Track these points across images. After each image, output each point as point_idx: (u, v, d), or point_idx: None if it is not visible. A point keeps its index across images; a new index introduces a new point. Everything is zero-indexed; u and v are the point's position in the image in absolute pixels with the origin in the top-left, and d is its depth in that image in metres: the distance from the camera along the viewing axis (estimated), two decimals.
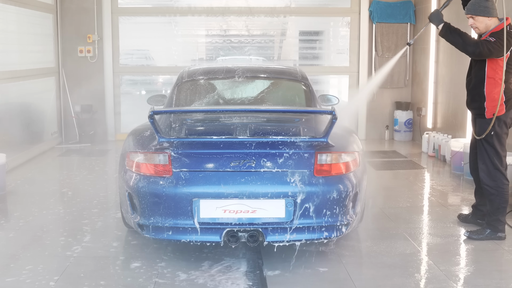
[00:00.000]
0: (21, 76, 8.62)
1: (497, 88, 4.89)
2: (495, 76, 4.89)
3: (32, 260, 4.52)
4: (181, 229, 4.24)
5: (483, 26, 4.94)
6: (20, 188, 6.92)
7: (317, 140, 4.34)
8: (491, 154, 5.01)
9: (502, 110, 4.94)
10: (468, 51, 4.89)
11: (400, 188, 7.01)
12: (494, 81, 4.91)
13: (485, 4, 4.87)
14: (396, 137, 10.72)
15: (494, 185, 5.02)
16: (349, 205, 4.35)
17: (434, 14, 5.02)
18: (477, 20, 4.93)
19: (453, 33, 4.93)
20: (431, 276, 4.32)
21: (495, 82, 4.90)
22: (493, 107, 4.92)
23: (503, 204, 5.04)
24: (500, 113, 4.93)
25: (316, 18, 10.92)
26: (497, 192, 5.02)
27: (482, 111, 5.01)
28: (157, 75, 10.89)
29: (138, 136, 4.67)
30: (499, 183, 5.01)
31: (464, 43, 4.86)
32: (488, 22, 4.92)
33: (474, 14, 4.91)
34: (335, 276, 4.30)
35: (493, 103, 4.92)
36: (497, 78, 4.88)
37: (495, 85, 4.90)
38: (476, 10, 4.90)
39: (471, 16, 4.94)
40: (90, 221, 5.58)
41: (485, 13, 4.88)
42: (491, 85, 4.92)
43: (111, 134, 10.48)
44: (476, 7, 4.89)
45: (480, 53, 4.83)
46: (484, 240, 5.05)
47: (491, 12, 4.89)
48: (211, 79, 5.55)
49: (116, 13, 10.35)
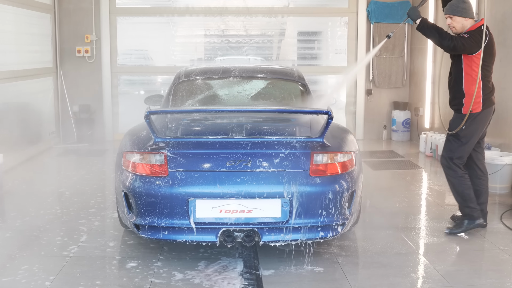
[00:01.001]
0: (19, 76, 8.62)
1: (475, 85, 5.07)
2: (471, 73, 5.07)
3: (28, 260, 4.53)
4: (177, 229, 4.25)
5: (460, 26, 5.14)
6: (17, 188, 6.92)
7: (313, 140, 4.35)
8: (454, 148, 5.21)
9: (478, 107, 5.11)
10: (443, 45, 5.07)
11: (397, 188, 7.01)
12: (471, 78, 5.09)
13: (462, 5, 5.10)
14: (394, 137, 10.73)
15: (454, 175, 5.24)
16: (345, 205, 4.36)
17: (412, 9, 5.20)
18: (454, 20, 5.14)
19: (429, 27, 5.12)
20: (427, 276, 4.33)
21: (472, 79, 5.08)
22: (471, 103, 5.10)
23: (467, 191, 5.22)
24: (476, 110, 5.11)
25: (314, 18, 10.92)
26: (458, 181, 5.23)
27: (460, 106, 5.19)
28: (155, 75, 10.89)
29: (134, 136, 4.68)
30: (458, 173, 5.22)
31: (440, 37, 5.05)
32: (465, 23, 5.12)
33: (452, 14, 5.13)
34: (331, 275, 4.30)
35: (471, 100, 5.10)
36: (473, 75, 5.07)
37: (473, 82, 5.08)
38: (454, 10, 5.11)
39: (449, 16, 5.15)
40: (87, 221, 5.59)
41: (462, 13, 5.10)
42: (469, 82, 5.10)
43: (109, 134, 10.48)
44: (454, 8, 5.11)
45: (455, 47, 5.01)
46: (465, 231, 5.20)
47: (467, 13, 5.11)
48: (208, 79, 5.56)
49: (114, 13, 10.35)
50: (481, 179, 5.38)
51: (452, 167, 5.24)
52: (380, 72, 10.62)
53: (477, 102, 5.09)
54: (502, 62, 7.35)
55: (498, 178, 6.69)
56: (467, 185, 5.23)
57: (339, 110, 10.77)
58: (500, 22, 7.42)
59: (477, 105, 5.10)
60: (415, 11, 5.16)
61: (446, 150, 5.30)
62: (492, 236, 5.19)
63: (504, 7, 7.33)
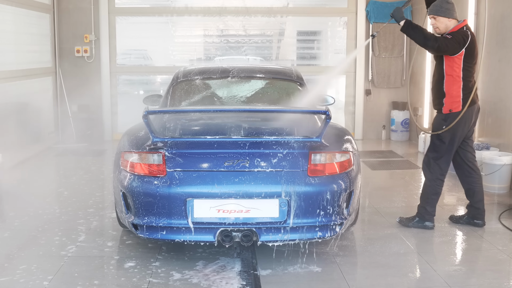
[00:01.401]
0: (18, 76, 8.63)
1: (456, 85, 5.14)
2: (453, 73, 5.14)
3: (27, 260, 4.53)
4: (175, 229, 4.25)
5: (443, 27, 5.20)
6: (16, 187, 6.91)
7: (311, 140, 4.35)
8: (437, 148, 5.29)
9: (458, 107, 5.17)
10: (428, 45, 5.11)
11: (396, 188, 7.02)
12: (452, 78, 5.15)
13: (446, 6, 5.16)
14: (393, 137, 10.73)
15: (430, 176, 5.35)
16: (343, 205, 4.36)
17: (396, 11, 5.21)
18: (438, 21, 5.20)
19: (414, 28, 5.14)
20: (424, 276, 4.33)
21: (453, 79, 5.15)
22: (451, 103, 5.18)
23: (433, 195, 5.35)
24: (456, 110, 5.17)
25: (314, 18, 10.92)
26: (430, 183, 5.34)
27: (441, 106, 5.26)
28: (154, 75, 10.89)
29: (133, 136, 4.68)
30: (434, 176, 5.31)
31: (425, 38, 5.08)
32: (448, 23, 5.18)
33: (436, 14, 5.19)
34: (328, 275, 4.31)
35: (451, 99, 5.18)
36: (455, 75, 5.13)
37: (454, 82, 5.15)
38: (438, 11, 5.17)
39: (433, 16, 5.22)
40: (86, 221, 5.59)
41: (446, 14, 5.16)
42: (450, 82, 5.16)
43: (108, 134, 10.48)
44: (438, 8, 5.17)
45: (439, 48, 5.06)
46: (412, 227, 5.38)
47: (451, 13, 5.18)
48: (206, 79, 5.56)
49: (113, 13, 10.35)
50: (473, 177, 5.42)
51: (431, 167, 5.32)
52: (379, 72, 10.62)
53: (457, 102, 5.16)
54: (501, 62, 7.36)
55: (496, 178, 6.69)
56: (436, 191, 5.35)
57: (338, 110, 10.78)
58: (499, 22, 7.42)
59: (456, 104, 5.17)
60: (399, 12, 5.17)
61: (430, 149, 5.38)
62: (490, 236, 5.20)
63: (503, 7, 7.33)
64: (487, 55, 7.71)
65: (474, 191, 5.41)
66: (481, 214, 5.43)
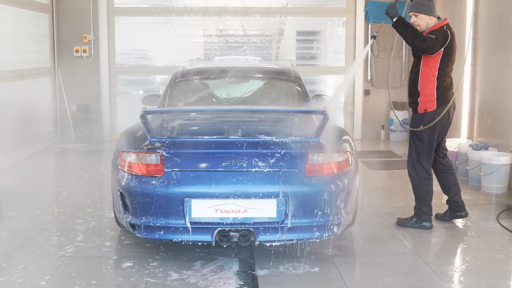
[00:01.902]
0: (17, 76, 8.62)
1: (430, 85, 5.18)
2: (428, 72, 5.18)
3: (24, 260, 4.53)
4: (172, 229, 4.25)
5: (425, 24, 5.23)
6: (14, 187, 6.90)
7: (308, 140, 4.35)
8: (418, 148, 5.32)
9: (432, 106, 5.21)
10: (415, 45, 5.11)
11: (395, 188, 7.02)
12: (427, 77, 5.19)
13: (427, 3, 5.20)
14: (392, 137, 10.72)
15: (416, 177, 5.37)
16: (341, 205, 4.36)
17: (390, 7, 5.23)
18: (419, 18, 5.23)
19: (405, 26, 5.14)
20: (422, 276, 4.33)
21: (428, 78, 5.19)
22: (425, 102, 5.22)
23: (424, 195, 5.36)
24: (431, 109, 5.21)
25: (313, 18, 10.92)
26: (419, 183, 5.36)
27: (416, 105, 5.31)
28: (153, 75, 10.89)
29: (131, 136, 4.68)
30: (420, 176, 5.34)
31: (414, 36, 5.09)
32: (429, 21, 5.22)
33: (417, 11, 5.22)
34: (326, 275, 4.31)
35: (425, 99, 5.22)
36: (430, 74, 5.17)
37: (428, 81, 5.19)
38: (419, 8, 5.21)
39: (414, 13, 5.24)
40: (84, 220, 5.59)
41: (426, 11, 5.20)
42: (424, 81, 5.20)
43: (106, 134, 10.48)
44: (420, 6, 5.21)
45: (426, 48, 5.08)
46: (410, 227, 5.38)
47: (431, 11, 5.21)
48: (204, 79, 5.56)
49: (112, 13, 10.35)
50: (447, 173, 5.50)
51: (415, 168, 5.36)
52: (378, 72, 10.62)
53: (431, 101, 5.21)
54: (499, 62, 7.37)
55: (495, 178, 6.69)
56: (426, 190, 5.36)
57: (337, 110, 10.77)
58: (497, 23, 7.42)
59: (431, 103, 5.21)
60: (393, 9, 5.19)
61: (411, 151, 5.40)
62: (488, 236, 5.20)
63: (501, 7, 7.33)
64: (486, 55, 7.72)
65: (449, 185, 5.51)
66: (460, 206, 5.54)
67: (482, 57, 7.85)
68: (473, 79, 8.09)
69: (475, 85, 8.04)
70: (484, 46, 7.78)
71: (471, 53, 8.05)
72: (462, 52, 8.14)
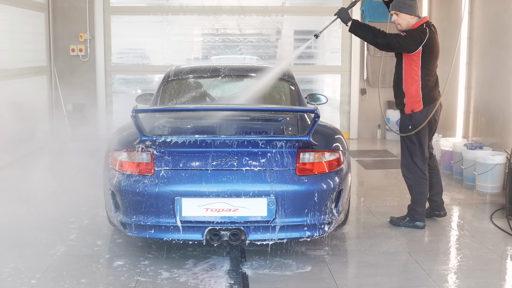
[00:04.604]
0: (12, 75, 8.62)
1: (415, 85, 5.15)
2: (411, 72, 5.14)
3: (15, 259, 4.51)
4: (163, 228, 4.25)
5: (405, 23, 5.19)
6: (8, 186, 6.89)
7: (299, 138, 4.34)
8: (410, 149, 5.31)
9: (419, 106, 5.18)
10: (378, 43, 5.09)
11: (389, 187, 7.01)
12: (411, 77, 5.16)
13: (409, 2, 5.15)
14: (388, 136, 10.72)
15: (411, 177, 5.35)
16: (332, 204, 4.35)
17: (342, 11, 5.19)
18: (400, 17, 5.20)
19: (362, 27, 5.12)
20: (413, 275, 4.32)
21: (411, 78, 5.15)
22: (412, 103, 5.20)
23: (419, 196, 5.34)
24: (418, 109, 5.18)
25: (310, 17, 10.90)
26: (414, 184, 5.34)
27: (402, 106, 5.28)
28: (149, 74, 10.88)
29: (122, 135, 4.68)
30: (415, 176, 5.32)
31: (373, 35, 5.06)
32: (410, 20, 5.18)
33: (398, 10, 5.18)
34: (317, 275, 4.30)
35: (411, 99, 5.20)
36: (413, 74, 5.14)
37: (412, 81, 5.15)
38: (400, 7, 5.17)
39: (395, 12, 5.20)
40: (77, 219, 5.58)
41: (408, 10, 5.16)
42: (408, 82, 5.17)
43: (103, 133, 10.44)
44: (401, 5, 5.17)
45: (389, 45, 5.05)
46: (403, 227, 5.38)
47: (413, 10, 5.17)
48: (197, 77, 5.55)
49: (108, 12, 10.34)
50: (431, 172, 5.50)
51: (410, 168, 5.33)
52: (374, 72, 10.60)
53: (417, 101, 5.19)
54: (494, 61, 7.36)
55: (489, 177, 6.69)
56: (421, 190, 5.34)
57: (333, 109, 10.78)
58: (492, 22, 7.42)
59: (417, 104, 5.19)
60: (345, 13, 5.14)
61: (404, 152, 5.38)
62: (481, 235, 5.19)
63: (496, 6, 7.33)
64: (481, 54, 7.72)
65: (431, 184, 5.51)
66: (439, 206, 5.57)
67: (477, 56, 7.85)
68: (468, 78, 8.09)
69: (470, 84, 8.03)
70: (479, 45, 7.78)
71: (466, 52, 8.05)
72: (457, 51, 8.16)
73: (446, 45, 7.65)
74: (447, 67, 8.52)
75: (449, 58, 8.29)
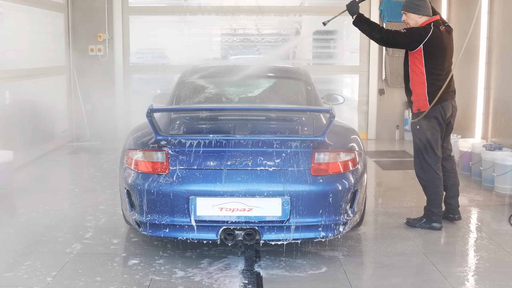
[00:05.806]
0: (32, 75, 8.71)
1: (421, 83, 5.14)
2: (416, 69, 5.15)
3: (31, 256, 4.57)
4: (177, 227, 4.26)
5: (414, 23, 5.21)
6: (27, 185, 6.98)
7: (314, 138, 4.32)
8: (422, 149, 5.27)
9: (425, 105, 5.16)
10: (374, 38, 5.13)
11: (407, 188, 6.96)
12: (416, 75, 5.17)
13: (416, 2, 5.16)
14: (407, 137, 10.63)
15: (425, 178, 5.32)
16: (347, 205, 4.33)
17: (351, 4, 5.20)
18: (408, 17, 5.23)
19: (363, 22, 5.15)
20: (429, 277, 4.28)
21: (417, 76, 5.16)
22: (418, 101, 5.19)
23: (434, 196, 5.31)
24: (424, 108, 5.16)
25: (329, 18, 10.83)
26: (428, 184, 5.31)
27: (411, 105, 5.30)
28: (167, 73, 10.90)
29: (138, 134, 4.71)
30: (429, 176, 5.28)
31: (370, 29, 5.11)
32: (418, 20, 5.18)
33: (406, 10, 5.22)
34: (332, 275, 4.28)
35: (417, 97, 5.20)
36: (418, 72, 5.15)
37: (418, 79, 5.16)
38: (408, 7, 5.20)
39: (404, 12, 5.24)
40: (94, 217, 5.63)
41: (415, 10, 5.16)
42: (414, 79, 5.19)
43: (121, 132, 10.50)
44: (409, 4, 5.20)
45: (384, 40, 5.10)
46: (419, 228, 5.34)
47: (421, 10, 5.16)
48: (213, 77, 5.57)
49: (127, 12, 10.41)
50: (447, 174, 5.44)
51: (424, 169, 5.29)
52: (392, 72, 10.52)
53: (423, 100, 5.16)
54: None
55: (508, 179, 6.60)
56: (435, 191, 5.30)
57: (351, 109, 10.73)
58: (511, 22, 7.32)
59: (423, 102, 5.17)
60: (354, 6, 5.17)
61: (417, 153, 5.34)
62: (498, 237, 5.13)
63: None
64: (501, 54, 7.62)
65: (447, 187, 5.46)
66: (453, 209, 5.51)
67: (497, 56, 7.75)
68: (487, 78, 7.99)
69: (490, 85, 7.94)
70: (499, 44, 7.68)
71: (486, 52, 7.96)
72: (478, 50, 8.07)
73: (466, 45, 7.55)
74: (466, 68, 8.47)
75: (469, 58, 8.24)
